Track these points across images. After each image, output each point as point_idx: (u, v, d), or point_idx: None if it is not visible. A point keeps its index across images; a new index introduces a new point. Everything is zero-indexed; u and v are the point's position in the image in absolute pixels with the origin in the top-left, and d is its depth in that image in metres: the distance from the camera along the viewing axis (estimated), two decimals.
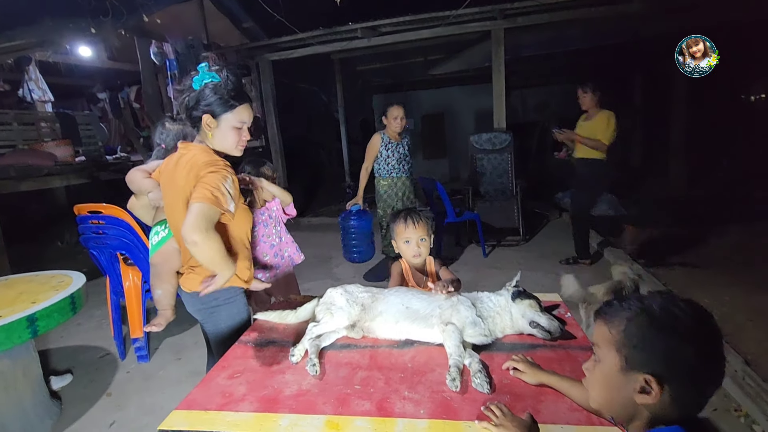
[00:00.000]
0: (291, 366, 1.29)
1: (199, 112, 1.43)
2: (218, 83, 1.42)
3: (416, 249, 1.70)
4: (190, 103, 1.44)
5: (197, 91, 1.42)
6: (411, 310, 1.40)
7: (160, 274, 1.62)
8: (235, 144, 1.49)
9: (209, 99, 1.42)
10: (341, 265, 4.52)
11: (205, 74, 1.41)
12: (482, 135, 5.04)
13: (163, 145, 1.78)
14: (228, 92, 1.42)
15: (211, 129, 1.45)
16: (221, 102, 1.42)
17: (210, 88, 1.41)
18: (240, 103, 1.45)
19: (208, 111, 1.43)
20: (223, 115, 1.44)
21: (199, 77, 1.41)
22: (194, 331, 3.11)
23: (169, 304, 1.65)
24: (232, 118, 1.45)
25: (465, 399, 1.09)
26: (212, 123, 1.44)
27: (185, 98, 1.45)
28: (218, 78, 1.42)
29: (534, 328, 1.34)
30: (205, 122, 1.44)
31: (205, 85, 1.41)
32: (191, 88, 1.43)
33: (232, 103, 1.44)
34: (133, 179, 1.66)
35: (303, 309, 1.57)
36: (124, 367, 2.79)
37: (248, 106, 1.48)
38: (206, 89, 1.41)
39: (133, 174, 1.67)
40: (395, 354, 1.33)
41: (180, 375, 2.64)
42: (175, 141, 1.76)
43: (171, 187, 1.50)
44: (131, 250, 2.65)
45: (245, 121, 1.49)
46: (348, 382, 1.19)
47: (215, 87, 1.42)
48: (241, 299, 1.65)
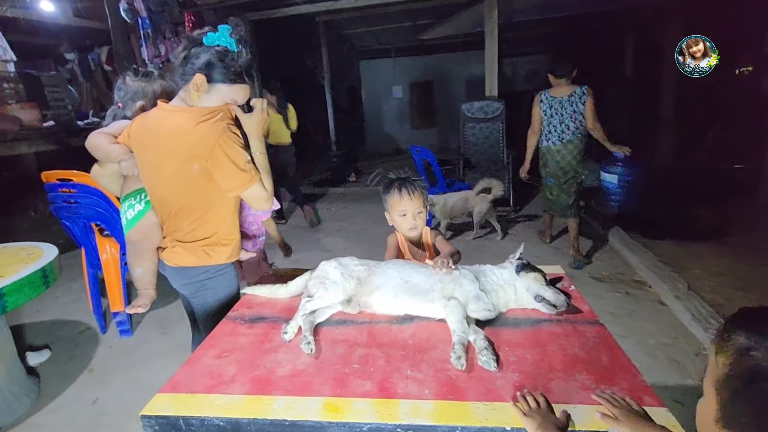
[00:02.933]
0: (284, 344, 1.21)
1: (195, 68, 1.30)
2: (229, 51, 1.30)
3: (412, 222, 1.60)
4: (191, 55, 1.31)
5: (204, 48, 1.30)
6: (410, 284, 1.32)
7: (140, 251, 1.49)
8: None
9: (213, 61, 1.30)
10: (330, 236, 4.43)
11: (223, 36, 1.29)
12: (474, 104, 4.90)
13: (120, 103, 1.59)
14: (235, 65, 1.31)
15: (200, 91, 1.32)
16: (224, 71, 1.31)
17: (219, 52, 1.30)
18: (242, 82, 1.34)
19: (205, 73, 1.30)
20: (219, 84, 1.32)
21: (216, 36, 1.29)
22: (179, 304, 2.99)
23: (151, 283, 1.53)
24: (226, 91, 1.34)
25: (471, 378, 1.03)
26: (203, 86, 1.31)
27: (189, 48, 1.31)
28: (234, 47, 1.30)
29: (539, 302, 1.28)
30: (195, 81, 1.31)
31: (216, 47, 1.29)
32: (201, 42, 1.30)
33: (234, 78, 1.32)
34: (98, 145, 1.48)
35: (294, 283, 1.48)
36: (105, 341, 2.69)
37: (248, 88, 1.37)
38: (214, 50, 1.29)
39: (97, 139, 1.48)
40: (395, 330, 1.26)
41: (166, 349, 2.56)
42: (134, 100, 1.57)
43: (152, 153, 1.37)
44: (107, 221, 2.50)
45: (237, 101, 1.37)
46: (346, 361, 1.12)
47: (224, 53, 1.30)
48: (231, 271, 1.56)
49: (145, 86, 1.57)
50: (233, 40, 1.30)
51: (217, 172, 1.33)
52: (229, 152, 1.32)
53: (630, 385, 0.97)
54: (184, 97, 1.37)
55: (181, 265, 1.48)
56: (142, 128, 1.41)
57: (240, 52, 1.31)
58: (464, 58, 8.97)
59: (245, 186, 1.36)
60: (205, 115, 1.33)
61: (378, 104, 10.32)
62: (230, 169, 1.33)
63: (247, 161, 1.36)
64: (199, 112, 1.33)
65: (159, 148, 1.36)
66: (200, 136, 1.30)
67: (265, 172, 1.44)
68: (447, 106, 9.42)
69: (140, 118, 1.44)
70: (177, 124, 1.33)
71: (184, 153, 1.32)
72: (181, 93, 1.38)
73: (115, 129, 1.51)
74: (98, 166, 1.55)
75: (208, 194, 1.40)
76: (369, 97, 10.27)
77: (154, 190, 1.45)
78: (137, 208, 1.50)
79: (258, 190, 1.40)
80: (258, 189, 1.40)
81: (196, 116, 1.32)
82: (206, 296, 1.53)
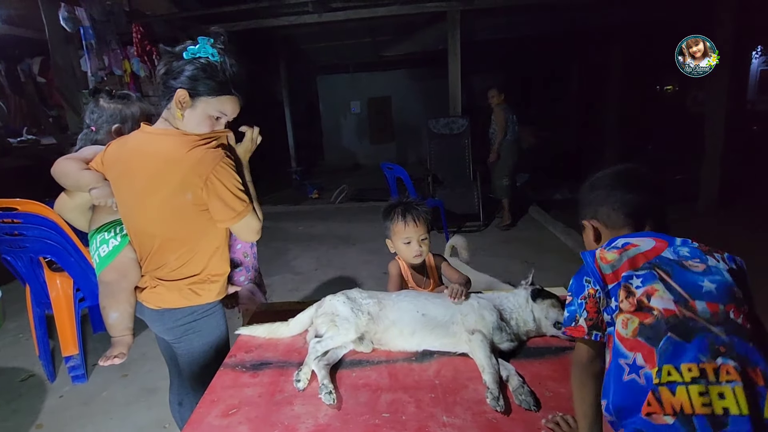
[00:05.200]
0: (298, 394, 1.09)
1: (177, 84, 1.17)
2: (213, 63, 1.18)
3: (418, 249, 1.53)
4: (171, 69, 1.18)
5: (185, 61, 1.17)
6: (428, 318, 1.25)
7: (116, 293, 1.30)
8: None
9: (194, 74, 1.17)
10: (299, 257, 4.26)
11: (203, 48, 1.17)
12: (440, 119, 4.96)
13: (93, 126, 1.42)
14: (220, 75, 1.18)
15: (184, 108, 1.19)
16: (207, 83, 1.18)
17: (202, 63, 1.17)
18: (228, 93, 1.22)
19: (188, 87, 1.17)
20: (202, 96, 1.19)
21: (196, 48, 1.17)
22: (141, 341, 2.71)
23: (128, 328, 1.34)
24: (212, 103, 1.21)
25: (513, 420, 0.97)
26: (186, 101, 1.18)
27: (169, 63, 1.19)
28: (217, 58, 1.18)
29: (559, 330, 1.26)
30: (178, 98, 1.18)
31: (198, 60, 1.17)
32: (180, 55, 1.17)
33: (219, 89, 1.20)
34: (66, 171, 1.30)
35: (296, 320, 1.36)
36: (55, 390, 2.36)
37: (236, 100, 1.25)
38: (196, 63, 1.17)
39: (65, 165, 1.30)
40: (416, 369, 1.17)
41: (128, 395, 2.29)
42: (109, 123, 1.42)
43: (136, 180, 1.22)
44: (58, 254, 2.21)
45: (226, 114, 1.25)
46: (373, 409, 1.02)
47: (206, 65, 1.17)
48: (219, 310, 1.41)
49: (123, 108, 1.42)
50: (215, 50, 1.19)
51: (213, 202, 1.20)
52: (226, 181, 1.20)
53: None
54: (168, 117, 1.24)
55: (164, 307, 1.31)
56: (121, 153, 1.25)
57: (223, 63, 1.20)
58: (422, 74, 9.14)
59: (240, 216, 1.24)
60: (199, 141, 1.20)
61: (336, 119, 10.25)
62: (226, 199, 1.21)
63: (242, 189, 1.24)
64: (192, 137, 1.21)
65: (145, 175, 1.20)
66: (195, 162, 1.17)
67: (256, 202, 1.33)
68: (406, 122, 9.53)
69: (118, 143, 1.28)
70: (168, 148, 1.19)
71: (177, 180, 1.18)
72: (165, 113, 1.25)
73: (87, 154, 1.33)
74: (66, 195, 1.35)
75: (198, 225, 1.26)
76: (327, 112, 10.19)
77: (136, 221, 1.28)
78: (112, 243, 1.32)
79: (252, 221, 1.29)
80: (252, 220, 1.29)
81: (189, 141, 1.20)
82: (192, 340, 1.36)
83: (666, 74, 10.01)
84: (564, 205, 5.38)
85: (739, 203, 5.07)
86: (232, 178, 1.21)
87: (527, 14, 5.53)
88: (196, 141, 1.20)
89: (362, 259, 4.06)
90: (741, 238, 4.05)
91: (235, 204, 1.22)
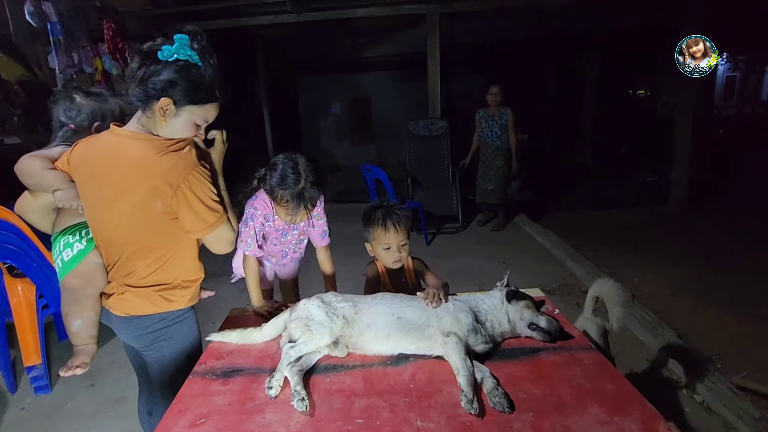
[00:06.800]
0: (270, 401, 1.06)
1: (158, 91, 1.11)
2: (195, 66, 1.12)
3: (397, 255, 1.53)
4: (148, 74, 1.10)
5: (163, 64, 1.10)
6: (403, 321, 1.24)
7: (79, 299, 1.24)
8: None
9: (176, 80, 1.11)
10: None
11: (182, 48, 1.09)
12: (419, 121, 4.97)
13: (72, 125, 1.36)
14: (203, 81, 1.13)
15: (167, 116, 1.14)
16: (191, 90, 1.13)
17: (182, 67, 1.10)
18: (214, 101, 1.18)
19: (171, 95, 1.11)
20: (188, 106, 1.14)
21: (172, 49, 1.09)
22: (108, 350, 2.62)
23: (92, 336, 1.28)
24: (197, 112, 1.16)
25: (487, 423, 0.97)
26: (170, 110, 1.13)
27: (143, 65, 1.11)
28: (198, 61, 1.12)
29: (533, 331, 1.26)
30: (161, 106, 1.12)
31: (176, 62, 1.10)
32: (155, 56, 1.09)
33: (205, 97, 1.15)
34: (30, 170, 1.23)
35: (270, 326, 1.33)
36: (16, 402, 2.25)
37: (218, 106, 1.20)
38: (176, 67, 1.10)
39: (29, 163, 1.24)
40: (391, 373, 1.16)
41: (95, 405, 2.20)
42: (90, 120, 1.37)
43: (104, 185, 1.16)
44: (19, 258, 2.12)
45: (209, 120, 1.21)
46: (346, 416, 1.00)
47: (188, 69, 1.11)
48: (192, 316, 1.36)
49: (102, 105, 1.38)
50: (194, 52, 1.12)
51: (183, 212, 1.15)
52: (198, 191, 1.15)
53: (641, 415, 0.97)
54: (145, 123, 1.17)
55: (132, 314, 1.26)
56: (89, 155, 1.19)
57: (206, 65, 1.14)
58: (402, 76, 9.17)
59: (212, 228, 1.20)
60: (171, 145, 1.15)
61: (316, 121, 10.19)
62: (198, 210, 1.16)
63: (216, 200, 1.20)
64: (164, 142, 1.15)
65: (113, 180, 1.15)
66: (166, 169, 1.12)
67: (231, 211, 1.29)
68: (386, 123, 9.53)
69: (86, 143, 1.22)
70: (138, 153, 1.13)
71: (146, 187, 1.12)
72: (141, 117, 1.18)
73: (54, 153, 1.27)
74: (29, 195, 1.29)
75: (169, 233, 1.21)
76: (307, 114, 10.11)
77: (103, 228, 1.22)
78: (77, 247, 1.26)
79: (225, 232, 1.24)
80: (225, 230, 1.24)
81: (160, 145, 1.14)
82: (163, 348, 1.31)
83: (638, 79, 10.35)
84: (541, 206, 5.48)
85: (708, 204, 5.26)
86: (206, 187, 1.16)
87: (505, 18, 5.61)
88: (167, 146, 1.15)
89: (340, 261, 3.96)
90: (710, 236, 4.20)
91: (207, 215, 1.17)
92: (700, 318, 2.70)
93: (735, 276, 3.14)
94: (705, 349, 2.37)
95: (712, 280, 3.11)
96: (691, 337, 2.46)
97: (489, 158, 4.55)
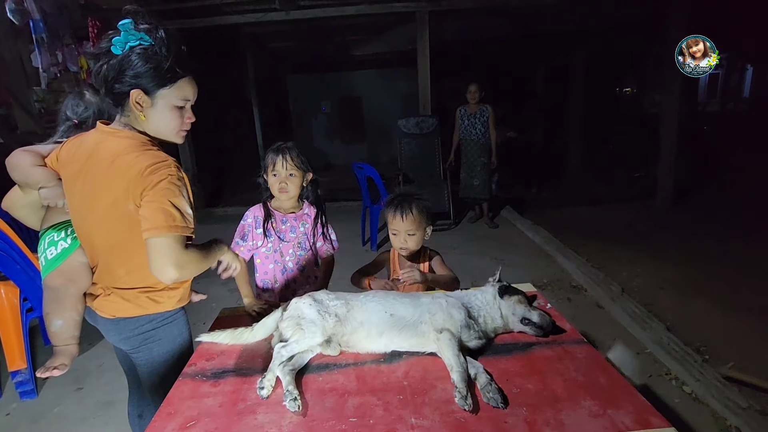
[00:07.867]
0: (261, 402, 1.04)
1: (125, 86, 1.07)
2: (151, 47, 1.06)
3: (403, 242, 1.60)
4: (110, 73, 1.06)
5: (120, 58, 1.05)
6: (396, 318, 1.23)
7: (61, 299, 1.21)
8: (176, 128, 1.17)
9: (138, 68, 1.06)
10: None
11: (129, 34, 1.04)
12: (410, 119, 4.97)
13: (75, 120, 1.34)
14: (166, 59, 1.07)
15: (144, 109, 1.10)
16: (156, 73, 1.07)
17: (139, 53, 1.05)
18: (183, 75, 1.12)
19: (139, 85, 1.07)
20: (159, 90, 1.09)
21: (122, 38, 1.04)
22: (97, 352, 2.58)
23: (73, 337, 1.25)
24: (172, 94, 1.11)
25: (481, 418, 0.96)
26: (145, 101, 1.09)
27: (102, 67, 1.07)
28: (150, 40, 1.06)
29: (526, 326, 1.27)
30: (134, 99, 1.08)
31: (131, 50, 1.05)
32: (110, 53, 1.05)
33: (172, 75, 1.09)
34: (18, 164, 1.19)
35: (261, 325, 1.31)
36: (1, 408, 2.20)
37: (192, 81, 1.15)
38: (133, 55, 1.05)
39: (19, 157, 1.20)
40: (385, 371, 1.15)
41: (83, 410, 2.16)
42: (94, 117, 1.34)
43: (86, 183, 1.13)
44: (2, 261, 2.07)
45: (189, 98, 1.16)
46: (339, 415, 0.99)
47: (147, 53, 1.05)
48: (182, 317, 1.34)
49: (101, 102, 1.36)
50: (142, 32, 1.06)
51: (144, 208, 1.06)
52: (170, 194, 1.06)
53: (634, 407, 0.97)
54: (127, 122, 1.14)
55: (119, 316, 1.23)
56: (76, 152, 1.16)
57: (161, 41, 1.07)
58: (393, 74, 9.16)
59: (156, 232, 1.02)
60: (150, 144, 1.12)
61: (307, 119, 10.14)
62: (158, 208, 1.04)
63: (183, 212, 1.07)
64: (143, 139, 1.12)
65: (93, 178, 1.12)
66: (143, 168, 1.05)
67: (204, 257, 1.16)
68: (377, 121, 9.53)
69: (75, 140, 1.19)
70: (116, 150, 1.09)
71: (122, 187, 1.07)
72: (123, 119, 1.15)
73: (46, 149, 1.24)
74: (18, 190, 1.26)
75: None
76: (297, 112, 10.05)
77: (83, 227, 1.19)
78: (61, 245, 1.23)
79: (175, 249, 1.03)
80: (174, 246, 1.03)
81: (139, 143, 1.10)
82: (152, 350, 1.29)
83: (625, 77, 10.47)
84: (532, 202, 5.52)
85: (693, 198, 5.35)
86: (178, 196, 1.07)
87: (495, 17, 5.62)
88: (146, 144, 1.12)
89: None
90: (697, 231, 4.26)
91: (166, 216, 1.02)
92: (688, 311, 2.74)
93: (721, 269, 3.20)
94: (693, 341, 2.41)
95: (700, 274, 3.16)
96: (680, 329, 2.49)
97: (474, 155, 4.64)
